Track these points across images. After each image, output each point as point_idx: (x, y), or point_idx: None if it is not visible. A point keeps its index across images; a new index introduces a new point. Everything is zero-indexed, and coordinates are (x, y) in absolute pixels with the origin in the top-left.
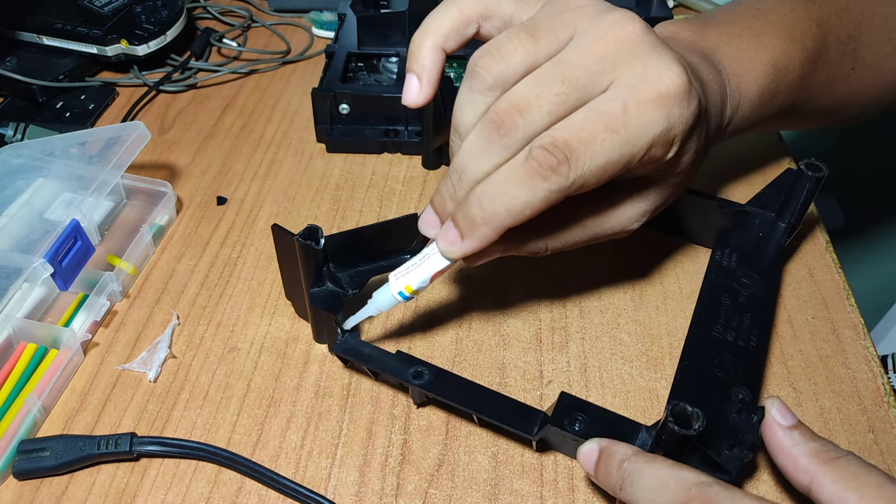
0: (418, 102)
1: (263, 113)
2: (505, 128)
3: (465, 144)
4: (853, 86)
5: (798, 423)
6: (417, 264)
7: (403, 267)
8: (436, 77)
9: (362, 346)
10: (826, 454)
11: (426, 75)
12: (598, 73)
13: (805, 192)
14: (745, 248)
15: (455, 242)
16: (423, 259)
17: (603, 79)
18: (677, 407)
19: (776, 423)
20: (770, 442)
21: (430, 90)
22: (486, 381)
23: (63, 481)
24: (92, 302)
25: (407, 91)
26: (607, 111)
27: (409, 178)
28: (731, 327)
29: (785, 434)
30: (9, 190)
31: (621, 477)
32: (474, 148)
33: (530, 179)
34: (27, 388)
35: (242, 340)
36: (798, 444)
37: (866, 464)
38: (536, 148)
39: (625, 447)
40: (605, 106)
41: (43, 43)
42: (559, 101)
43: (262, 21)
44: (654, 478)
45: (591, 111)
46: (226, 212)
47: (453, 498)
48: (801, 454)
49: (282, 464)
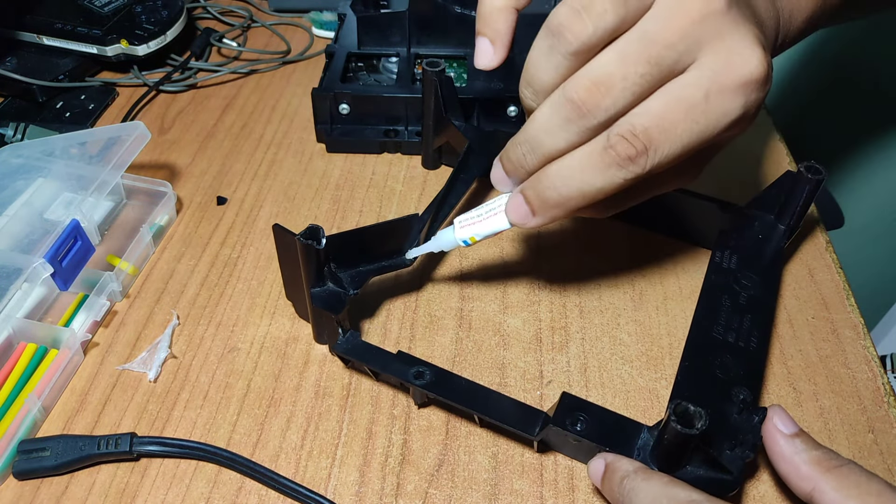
0: (492, 65)
1: (263, 113)
2: (586, 109)
3: (540, 117)
4: None
5: (800, 431)
6: (483, 217)
7: (469, 214)
8: (509, 40)
9: (363, 347)
10: (828, 462)
11: (500, 39)
12: (683, 52)
13: (805, 194)
14: (745, 250)
15: (527, 217)
16: (489, 213)
17: (686, 59)
18: (680, 406)
19: (778, 431)
20: (772, 450)
21: (504, 52)
22: (486, 381)
23: (63, 481)
24: (92, 302)
25: (480, 55)
26: (689, 99)
27: (409, 178)
28: (732, 328)
29: (787, 442)
30: (9, 190)
31: (622, 493)
32: (550, 124)
33: (608, 168)
34: (27, 388)
35: (242, 340)
36: (800, 452)
37: (868, 472)
38: (616, 136)
39: (627, 463)
40: (686, 93)
41: (43, 43)
42: (643, 81)
43: (262, 21)
44: (649, 496)
45: (672, 97)
46: (226, 212)
47: (453, 498)
48: (803, 462)
49: (282, 464)
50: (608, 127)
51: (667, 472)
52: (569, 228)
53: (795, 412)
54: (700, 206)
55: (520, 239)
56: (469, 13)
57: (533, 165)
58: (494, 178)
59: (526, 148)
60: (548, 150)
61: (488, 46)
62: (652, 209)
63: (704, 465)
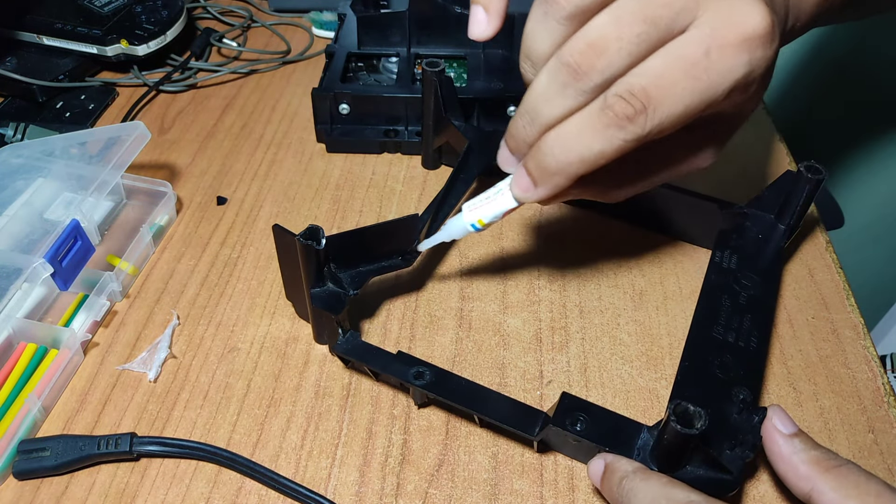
0: (487, 35)
1: (263, 113)
2: (582, 72)
3: (537, 86)
4: None
5: (799, 431)
6: (491, 198)
7: (477, 199)
8: (503, 7)
9: (363, 347)
10: (827, 462)
11: (493, 6)
12: (682, 10)
13: (804, 194)
14: (745, 250)
15: (529, 189)
16: (496, 193)
17: (685, 17)
18: (679, 406)
19: (777, 431)
20: (771, 450)
21: (498, 21)
22: (486, 381)
23: (63, 481)
24: (92, 302)
25: (473, 23)
26: (688, 56)
27: (409, 178)
28: (732, 328)
29: (786, 441)
30: (9, 190)
31: (621, 494)
32: (547, 91)
33: (606, 129)
34: (27, 388)
35: (242, 340)
36: (799, 452)
37: (867, 472)
38: (613, 96)
39: (626, 463)
40: (686, 51)
41: (43, 43)
42: (640, 41)
43: (262, 21)
44: (648, 496)
45: (671, 56)
46: (226, 212)
47: (453, 498)
48: (802, 462)
49: (282, 464)
50: None
51: (667, 472)
52: (569, 228)
53: (795, 412)
54: (700, 206)
55: (520, 238)
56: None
57: (533, 137)
58: (500, 160)
59: (525, 119)
60: (546, 119)
61: (482, 14)
62: (652, 209)
63: (704, 465)
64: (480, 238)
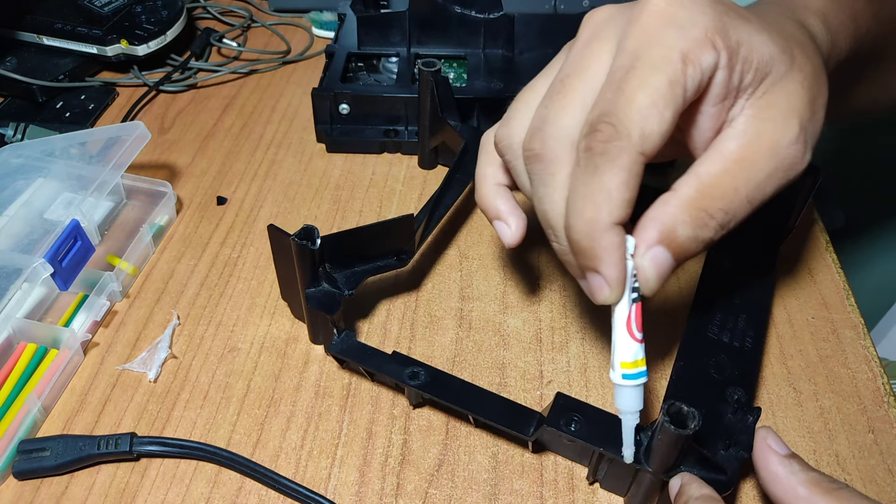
0: (515, 242)
1: (263, 113)
2: (534, 154)
3: (534, 200)
4: None
5: (793, 453)
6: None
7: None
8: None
9: (358, 347)
10: (827, 484)
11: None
12: None
13: (801, 194)
14: (741, 249)
15: (601, 287)
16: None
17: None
18: (673, 406)
19: (772, 451)
20: (766, 469)
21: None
22: (486, 381)
23: (63, 481)
24: (92, 302)
25: (503, 237)
26: (618, 68)
27: (409, 178)
28: (727, 328)
29: (782, 462)
30: (9, 190)
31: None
32: (537, 193)
33: (592, 169)
34: (27, 388)
35: (242, 340)
36: (797, 473)
37: (865, 496)
38: (581, 139)
39: (696, 487)
40: (612, 68)
41: (43, 43)
42: None
43: (262, 21)
44: None
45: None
46: (226, 212)
47: (453, 498)
48: (800, 483)
49: (282, 464)
50: None
51: (660, 473)
52: None
53: (795, 412)
54: None
55: None
56: (469, 13)
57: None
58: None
59: (550, 234)
60: (555, 213)
61: (505, 228)
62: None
63: (698, 466)
64: (480, 238)
